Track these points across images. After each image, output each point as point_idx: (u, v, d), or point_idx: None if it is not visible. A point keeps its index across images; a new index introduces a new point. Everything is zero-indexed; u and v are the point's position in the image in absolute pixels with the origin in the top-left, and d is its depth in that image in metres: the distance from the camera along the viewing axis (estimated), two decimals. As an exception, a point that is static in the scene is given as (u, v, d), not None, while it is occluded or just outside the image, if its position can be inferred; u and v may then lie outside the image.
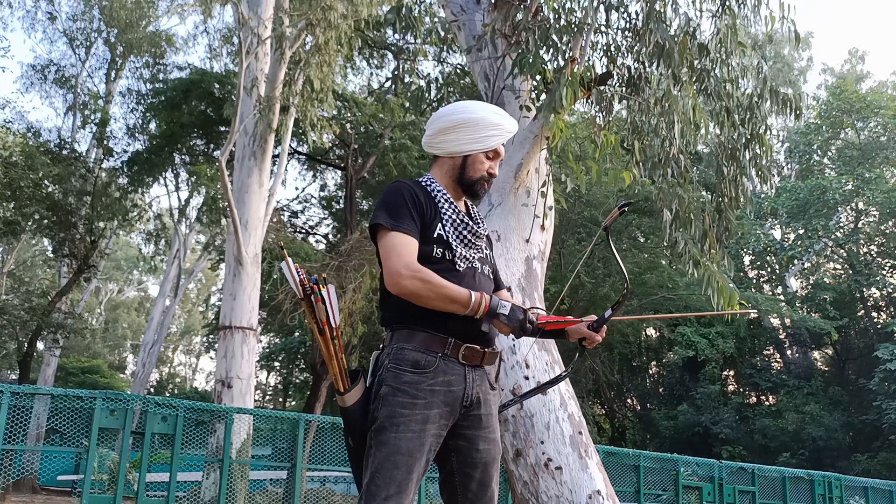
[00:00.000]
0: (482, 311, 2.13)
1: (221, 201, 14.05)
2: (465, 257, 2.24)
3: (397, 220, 2.15)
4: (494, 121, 2.32)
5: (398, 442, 2.05)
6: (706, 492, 9.14)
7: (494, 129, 2.31)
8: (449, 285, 2.11)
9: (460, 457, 2.20)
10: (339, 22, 10.88)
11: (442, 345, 2.15)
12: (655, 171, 5.12)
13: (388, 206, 2.19)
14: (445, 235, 2.22)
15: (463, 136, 2.29)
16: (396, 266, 2.10)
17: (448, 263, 2.20)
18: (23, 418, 5.92)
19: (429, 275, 2.09)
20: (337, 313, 2.23)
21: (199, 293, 38.71)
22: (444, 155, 2.34)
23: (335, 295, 2.23)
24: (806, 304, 23.39)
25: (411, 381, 2.11)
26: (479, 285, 2.25)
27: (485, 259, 2.34)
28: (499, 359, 2.31)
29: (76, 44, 19.95)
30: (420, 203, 2.22)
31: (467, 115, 2.30)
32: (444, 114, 2.34)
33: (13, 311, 16.54)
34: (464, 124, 2.29)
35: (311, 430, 8.10)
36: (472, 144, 2.29)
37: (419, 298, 2.10)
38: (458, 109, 2.33)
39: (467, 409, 2.19)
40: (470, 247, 2.27)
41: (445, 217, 2.25)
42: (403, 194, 2.21)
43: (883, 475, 16.74)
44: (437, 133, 2.33)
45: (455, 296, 2.10)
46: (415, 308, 2.14)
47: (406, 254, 2.11)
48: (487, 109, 2.35)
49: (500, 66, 4.98)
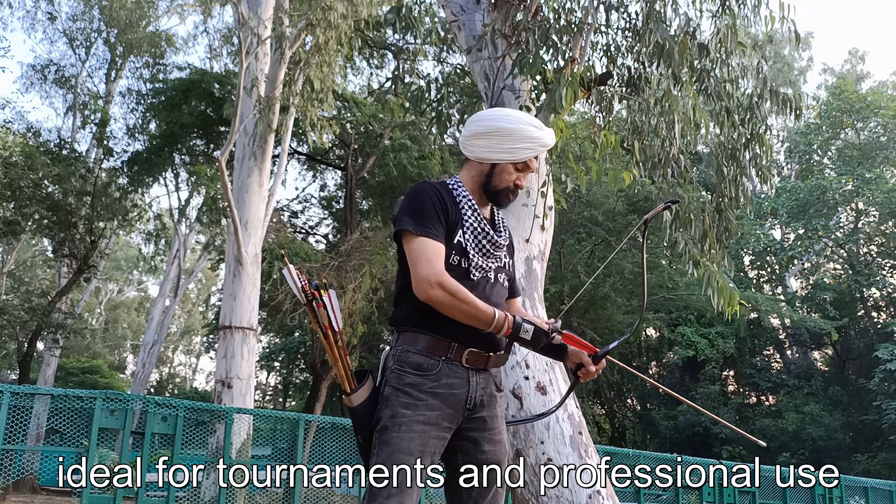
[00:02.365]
0: (504, 331, 2.14)
1: (221, 201, 14.05)
2: (480, 266, 2.24)
3: (425, 224, 2.15)
4: (531, 134, 2.27)
5: (400, 442, 2.08)
6: (706, 492, 9.14)
7: (529, 142, 2.27)
8: (475, 302, 2.11)
9: (465, 458, 2.22)
10: (339, 22, 10.87)
11: (445, 349, 2.17)
12: (655, 171, 5.12)
13: (414, 209, 2.18)
14: (464, 243, 2.22)
15: (494, 144, 2.26)
16: (426, 273, 2.10)
17: (462, 271, 2.20)
18: (23, 418, 5.92)
19: (457, 288, 2.10)
20: (339, 317, 2.26)
21: (199, 293, 38.70)
22: (473, 159, 2.32)
23: (336, 299, 2.26)
24: (806, 304, 23.39)
25: (413, 382, 2.13)
26: (492, 295, 2.26)
27: (502, 268, 2.33)
28: (506, 356, 2.32)
29: (76, 44, 19.94)
30: (445, 206, 2.21)
31: (503, 124, 2.26)
32: (482, 118, 2.31)
33: (13, 311, 16.54)
34: (497, 132, 2.26)
35: (311, 430, 8.11)
36: (502, 154, 2.26)
37: (444, 308, 2.11)
38: (497, 116, 2.30)
39: (471, 411, 2.20)
40: (487, 256, 2.26)
41: (467, 224, 2.24)
42: (430, 197, 2.20)
43: (883, 475, 16.74)
44: (471, 136, 2.30)
45: (479, 314, 2.12)
46: (421, 311, 2.15)
47: (436, 261, 2.12)
48: (528, 122, 2.30)
49: (500, 66, 4.98)
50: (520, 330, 2.15)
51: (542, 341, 2.18)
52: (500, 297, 2.31)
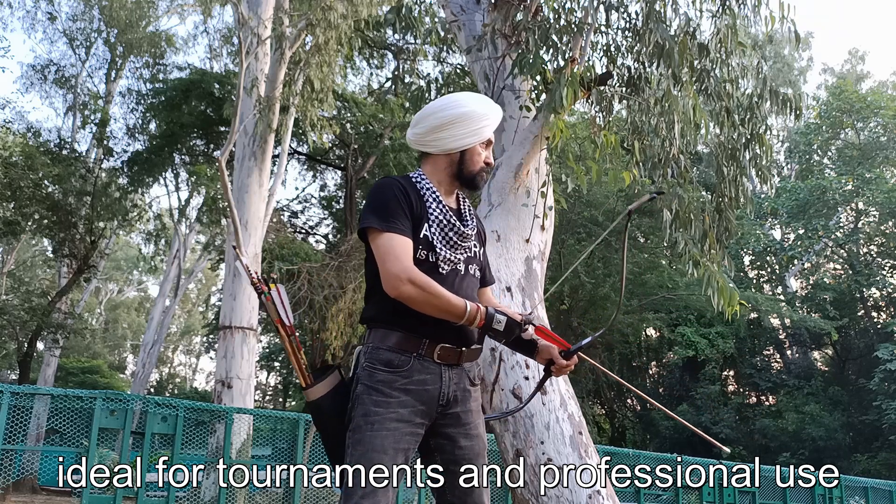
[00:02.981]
0: (477, 323, 2.13)
1: (221, 201, 14.05)
2: (448, 259, 2.22)
3: (389, 220, 2.13)
4: (484, 111, 2.29)
5: (373, 440, 2.06)
6: (706, 492, 9.14)
7: (486, 120, 2.29)
8: (446, 295, 2.10)
9: (444, 455, 2.21)
10: (339, 22, 10.88)
11: (416, 345, 2.15)
12: (655, 171, 5.11)
13: (378, 205, 2.17)
14: (430, 237, 2.20)
15: (458, 132, 2.26)
16: (395, 270, 2.08)
17: (430, 265, 2.18)
18: (23, 418, 5.93)
19: (428, 283, 2.09)
20: (289, 312, 2.25)
21: (199, 293, 38.70)
22: (439, 152, 2.30)
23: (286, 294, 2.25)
24: (806, 304, 23.40)
25: (385, 379, 2.12)
26: (463, 287, 2.24)
27: (472, 258, 2.31)
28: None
29: (76, 44, 19.95)
30: (410, 201, 2.19)
31: (460, 110, 2.26)
32: (435, 110, 2.29)
33: (13, 311, 16.55)
34: (458, 119, 2.25)
35: (311, 430, 8.10)
36: (469, 138, 2.27)
37: (415, 304, 2.10)
38: (449, 105, 2.29)
39: (444, 407, 2.19)
40: (455, 248, 2.24)
41: (432, 217, 2.22)
42: (394, 192, 2.19)
43: (883, 475, 16.74)
44: (430, 131, 2.28)
45: (450, 307, 2.10)
46: (392, 308, 2.13)
47: (403, 256, 2.10)
48: (475, 100, 2.32)
49: (500, 66, 4.98)
50: (492, 321, 2.13)
51: (515, 332, 2.16)
52: (472, 288, 2.29)
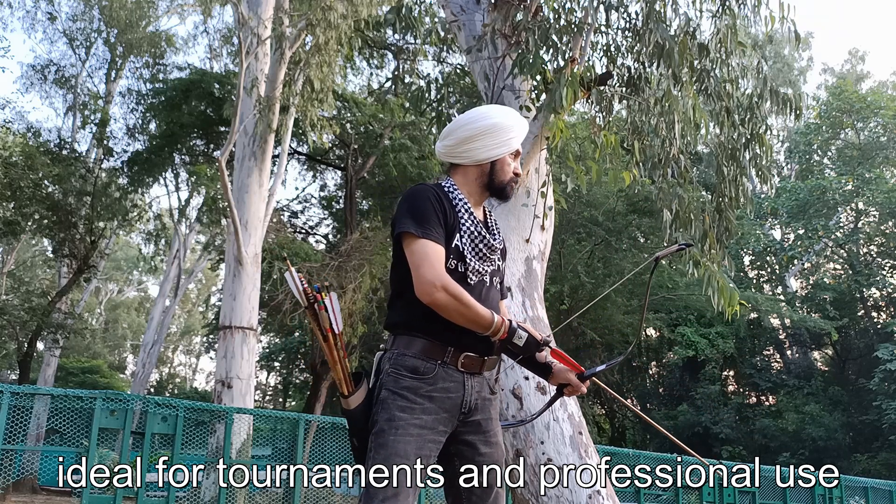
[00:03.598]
0: (500, 335, 2.17)
1: (221, 201, 14.05)
2: (477, 271, 2.26)
3: (426, 227, 2.16)
4: (512, 122, 2.35)
5: (396, 445, 2.09)
6: (706, 492, 9.14)
7: (514, 131, 2.34)
8: (476, 306, 2.14)
9: (462, 461, 2.23)
10: (339, 22, 10.87)
11: (441, 353, 2.18)
12: (655, 171, 5.12)
13: (414, 211, 2.19)
14: (462, 247, 2.23)
15: (489, 142, 2.30)
16: (430, 276, 2.11)
17: (460, 275, 2.21)
18: (23, 418, 5.93)
19: (460, 292, 2.12)
20: (340, 320, 2.27)
21: (199, 293, 38.69)
22: (470, 163, 2.34)
23: (337, 302, 2.27)
24: (806, 304, 23.40)
25: (410, 385, 2.14)
26: (489, 299, 2.28)
27: (496, 271, 2.36)
28: (498, 359, 2.33)
29: (76, 44, 19.94)
30: (444, 209, 2.22)
31: (490, 121, 2.31)
32: (466, 122, 2.34)
33: (13, 311, 16.54)
34: (488, 130, 2.30)
35: (311, 430, 8.11)
36: (499, 149, 2.32)
37: (445, 311, 2.13)
38: (478, 117, 2.34)
39: (466, 415, 2.22)
40: (483, 260, 2.28)
41: (464, 228, 2.25)
42: (430, 199, 2.22)
43: (883, 475, 16.75)
44: (460, 143, 2.32)
45: (478, 318, 2.14)
46: (421, 314, 2.16)
47: (437, 264, 2.13)
48: (503, 112, 2.38)
49: (500, 66, 4.98)
50: (514, 335, 2.17)
51: (532, 350, 2.20)
52: (495, 300, 2.34)
